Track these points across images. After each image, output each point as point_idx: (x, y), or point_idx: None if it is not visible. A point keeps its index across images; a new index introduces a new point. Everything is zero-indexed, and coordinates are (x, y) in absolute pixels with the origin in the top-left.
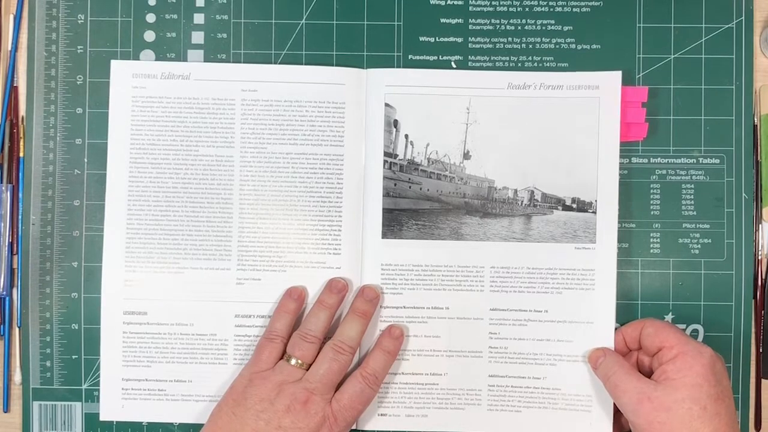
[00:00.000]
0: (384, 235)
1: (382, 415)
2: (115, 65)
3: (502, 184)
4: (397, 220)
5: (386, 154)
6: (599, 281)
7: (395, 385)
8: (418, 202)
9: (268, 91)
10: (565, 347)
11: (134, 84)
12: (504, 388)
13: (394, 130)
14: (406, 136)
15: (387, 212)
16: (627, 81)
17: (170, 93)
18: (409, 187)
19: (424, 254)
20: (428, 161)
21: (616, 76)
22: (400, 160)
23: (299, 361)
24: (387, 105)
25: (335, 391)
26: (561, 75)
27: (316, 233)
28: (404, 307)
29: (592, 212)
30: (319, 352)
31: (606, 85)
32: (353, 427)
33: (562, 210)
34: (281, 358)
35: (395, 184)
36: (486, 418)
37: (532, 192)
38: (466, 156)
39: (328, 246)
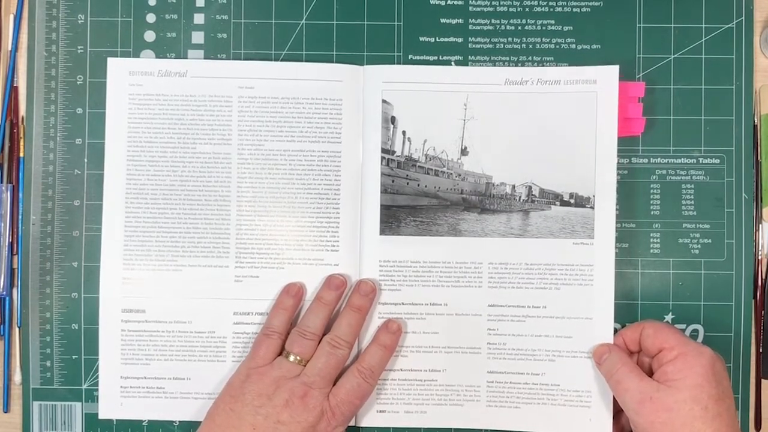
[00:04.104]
0: (382, 232)
1: (380, 411)
2: (112, 63)
3: (499, 179)
4: (395, 216)
5: (384, 150)
6: (597, 277)
7: (394, 381)
8: (416, 198)
9: (265, 88)
10: (564, 343)
11: (131, 81)
12: (503, 384)
13: (392, 126)
14: (404, 133)
15: (385, 209)
16: (626, 79)
17: (167, 90)
18: (407, 184)
19: (422, 251)
20: (426, 157)
21: (614, 70)
22: (397, 156)
23: (298, 358)
24: (384, 101)
25: (333, 386)
26: (558, 70)
27: (314, 230)
28: (402, 304)
29: (590, 207)
30: None
31: (603, 80)
32: (351, 424)
33: (560, 205)
34: (279, 354)
35: (393, 181)
36: (485, 414)
37: (530, 187)
38: (464, 152)
39: (326, 243)
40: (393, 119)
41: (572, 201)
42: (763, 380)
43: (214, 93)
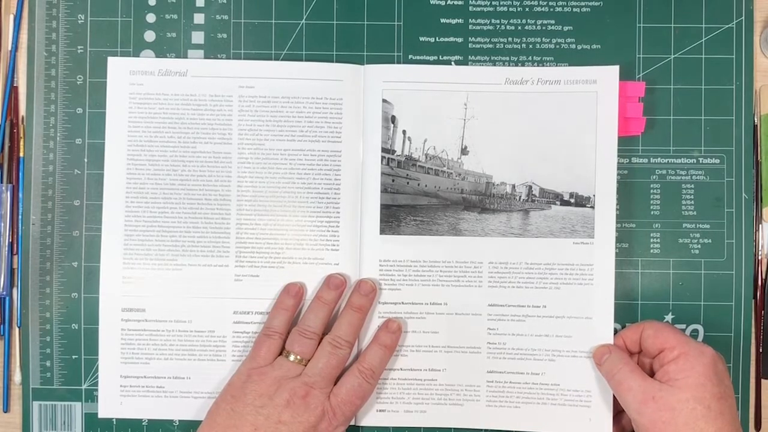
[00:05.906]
0: (382, 231)
1: (380, 411)
2: (112, 62)
3: (500, 179)
4: (395, 216)
5: (384, 150)
6: (597, 276)
7: (393, 381)
8: (416, 197)
9: (266, 88)
10: (564, 342)
11: (131, 81)
12: (503, 384)
13: (392, 125)
14: (404, 132)
15: (385, 208)
16: (626, 79)
17: (167, 90)
18: (407, 183)
19: (422, 250)
20: (426, 157)
21: (614, 70)
22: (397, 155)
23: (298, 357)
24: (384, 101)
25: (333, 386)
26: (558, 70)
27: (314, 229)
28: (402, 303)
29: (590, 207)
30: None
31: (604, 80)
32: (351, 424)
33: (561, 205)
34: (279, 354)
35: (393, 180)
36: (485, 414)
37: (530, 187)
38: (464, 151)
39: (326, 242)
40: (393, 119)
41: (572, 201)
42: (763, 380)
43: (214, 92)
